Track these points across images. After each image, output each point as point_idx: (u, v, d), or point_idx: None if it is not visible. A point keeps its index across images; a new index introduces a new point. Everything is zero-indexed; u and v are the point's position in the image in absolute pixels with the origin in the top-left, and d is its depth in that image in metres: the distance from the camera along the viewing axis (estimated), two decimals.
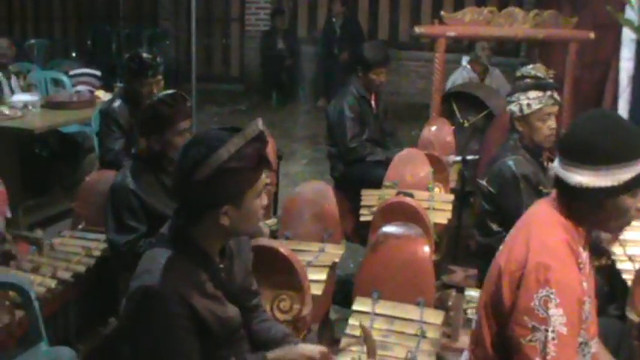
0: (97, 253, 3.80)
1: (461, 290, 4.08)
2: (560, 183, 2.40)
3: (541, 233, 2.41)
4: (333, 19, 12.37)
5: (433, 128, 5.79)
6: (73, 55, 13.71)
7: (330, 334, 4.03)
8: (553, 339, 2.24)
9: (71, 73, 8.85)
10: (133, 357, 2.41)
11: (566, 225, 2.41)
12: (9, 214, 4.35)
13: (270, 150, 5.15)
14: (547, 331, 2.25)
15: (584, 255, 2.46)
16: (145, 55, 4.98)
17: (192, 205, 2.37)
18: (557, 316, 2.25)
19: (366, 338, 2.71)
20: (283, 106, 12.41)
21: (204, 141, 2.32)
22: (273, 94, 12.67)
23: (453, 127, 6.09)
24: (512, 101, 4.01)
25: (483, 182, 4.19)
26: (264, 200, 2.45)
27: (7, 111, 6.37)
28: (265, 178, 2.43)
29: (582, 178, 2.29)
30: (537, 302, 2.28)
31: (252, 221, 2.43)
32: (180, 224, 2.41)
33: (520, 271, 2.37)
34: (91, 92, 7.65)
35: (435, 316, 3.11)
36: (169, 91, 3.67)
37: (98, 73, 8.85)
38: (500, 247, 2.60)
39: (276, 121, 10.88)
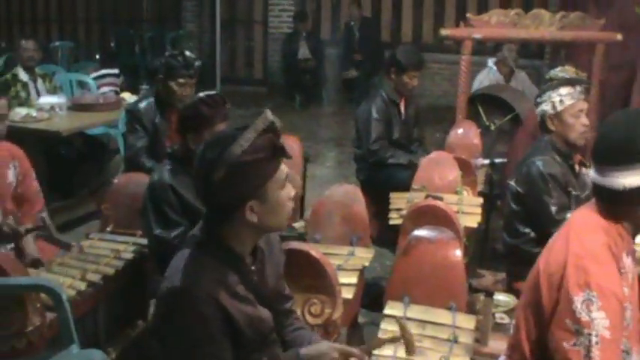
0: (126, 255, 3.78)
1: (490, 294, 4.06)
2: (599, 190, 2.37)
3: (581, 236, 2.39)
4: (352, 23, 12.41)
5: (460, 131, 5.76)
6: (97, 57, 13.75)
7: (358, 338, 4.01)
8: (597, 343, 2.21)
9: (92, 75, 8.92)
10: (163, 358, 2.41)
11: (608, 229, 2.37)
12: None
13: (297, 152, 5.16)
14: (590, 335, 2.22)
15: (628, 261, 2.42)
16: (188, 53, 5.04)
17: (217, 207, 2.37)
18: (600, 319, 2.22)
19: (403, 333, 2.68)
20: (306, 108, 12.36)
21: (217, 141, 2.33)
22: (297, 97, 12.62)
23: (479, 130, 6.05)
24: (543, 101, 4.01)
25: (512, 182, 4.19)
26: (291, 191, 2.43)
27: (34, 113, 6.41)
28: (285, 167, 2.41)
29: (625, 180, 2.27)
30: (579, 305, 2.25)
31: (280, 214, 2.41)
32: (210, 226, 2.41)
33: (559, 273, 2.34)
34: (117, 94, 7.68)
35: (468, 321, 3.08)
36: (210, 92, 3.69)
37: (116, 71, 8.91)
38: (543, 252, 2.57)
39: (300, 124, 10.86)
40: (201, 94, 3.66)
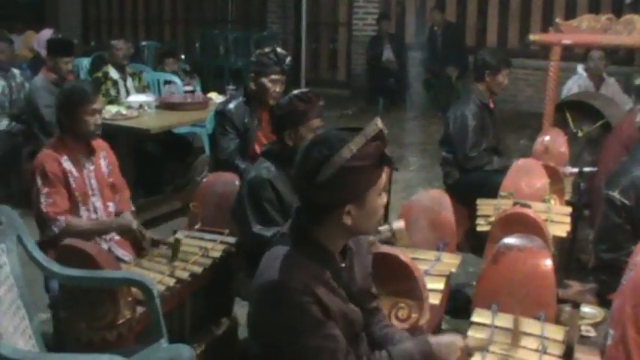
0: (214, 253, 3.82)
1: (576, 305, 3.97)
2: None
3: None
4: (435, 28, 12.37)
5: (547, 138, 5.67)
6: (182, 57, 13.96)
7: None
8: None
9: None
10: (265, 356, 2.42)
11: None
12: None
13: None
14: None
15: None
16: (280, 49, 5.12)
17: (315, 206, 2.37)
18: None
19: None
20: (389, 111, 12.25)
21: (326, 141, 2.32)
22: (380, 100, 12.61)
23: (566, 137, 5.95)
24: None
25: (615, 194, 4.04)
26: (384, 199, 2.44)
27: (124, 111, 6.55)
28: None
29: None
30: None
31: (373, 219, 2.43)
32: (303, 224, 2.42)
33: None
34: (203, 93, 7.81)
35: (557, 332, 3.01)
36: (302, 90, 3.76)
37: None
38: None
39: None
40: (294, 91, 3.73)
